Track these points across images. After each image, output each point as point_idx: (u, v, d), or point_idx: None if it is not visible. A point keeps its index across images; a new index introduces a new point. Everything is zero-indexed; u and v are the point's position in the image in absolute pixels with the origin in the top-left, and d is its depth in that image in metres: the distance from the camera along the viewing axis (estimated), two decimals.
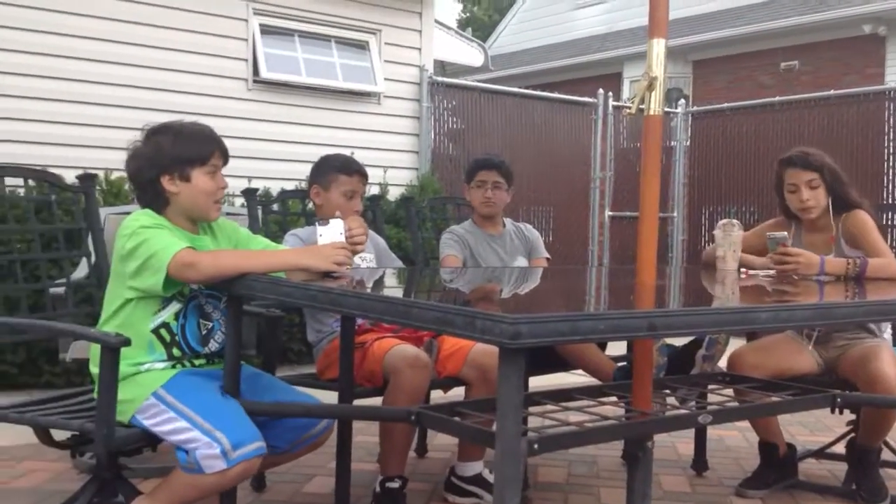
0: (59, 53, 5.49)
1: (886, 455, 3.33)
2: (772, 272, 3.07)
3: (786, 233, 3.12)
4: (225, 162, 2.45)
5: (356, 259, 2.86)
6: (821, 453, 3.63)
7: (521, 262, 3.65)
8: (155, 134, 2.41)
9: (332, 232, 2.41)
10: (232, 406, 2.26)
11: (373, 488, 2.90)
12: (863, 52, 11.51)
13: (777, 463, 3.30)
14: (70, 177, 3.13)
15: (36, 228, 3.04)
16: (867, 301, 2.49)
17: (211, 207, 2.42)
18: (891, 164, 7.43)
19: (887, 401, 2.95)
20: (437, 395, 3.39)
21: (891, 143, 7.44)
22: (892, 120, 7.44)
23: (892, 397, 2.93)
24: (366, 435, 3.68)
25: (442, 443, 3.82)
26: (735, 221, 3.19)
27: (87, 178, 3.00)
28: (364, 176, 3.20)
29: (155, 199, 2.40)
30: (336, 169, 3.16)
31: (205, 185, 2.38)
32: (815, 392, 2.62)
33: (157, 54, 5.87)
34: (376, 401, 2.84)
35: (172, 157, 2.36)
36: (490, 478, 3.04)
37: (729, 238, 3.17)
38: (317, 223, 2.44)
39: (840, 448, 3.47)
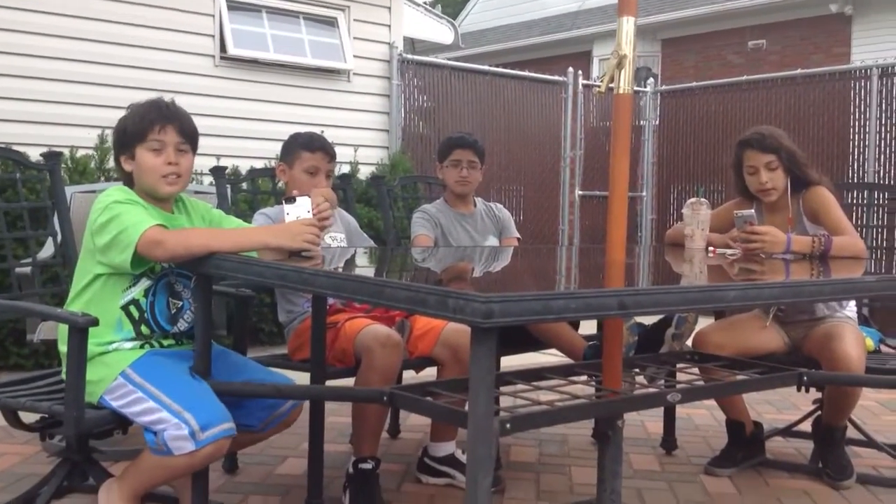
0: (21, 29, 5.39)
1: (852, 433, 3.38)
2: (737, 251, 3.08)
3: (753, 211, 3.11)
4: (183, 138, 2.38)
5: (327, 239, 2.84)
6: (787, 431, 3.69)
7: (492, 241, 3.65)
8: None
9: (299, 210, 2.38)
10: (200, 387, 2.24)
11: (346, 469, 2.90)
12: (829, 32, 11.60)
13: (745, 441, 3.34)
14: (34, 154, 3.08)
15: (0, 207, 2.99)
16: (834, 279, 2.50)
17: (159, 183, 2.36)
18: (856, 143, 7.52)
19: (852, 379, 2.98)
20: (409, 376, 3.39)
21: (856, 123, 7.52)
22: (857, 99, 7.52)
23: (857, 375, 2.97)
24: (338, 416, 3.68)
25: (415, 423, 3.83)
26: (703, 200, 3.18)
27: (52, 156, 2.95)
28: (329, 154, 3.15)
29: (125, 179, 2.42)
30: (300, 146, 3.13)
31: (149, 163, 2.35)
32: (781, 370, 2.64)
33: (121, 30, 5.77)
34: (349, 381, 2.83)
35: (121, 137, 2.39)
36: (462, 458, 3.05)
37: (697, 217, 3.18)
38: (283, 201, 2.41)
39: (806, 426, 3.52)
